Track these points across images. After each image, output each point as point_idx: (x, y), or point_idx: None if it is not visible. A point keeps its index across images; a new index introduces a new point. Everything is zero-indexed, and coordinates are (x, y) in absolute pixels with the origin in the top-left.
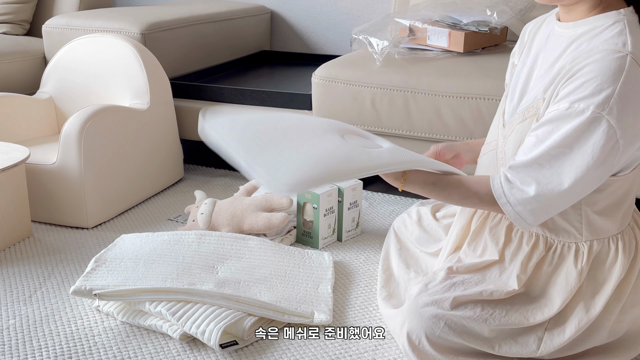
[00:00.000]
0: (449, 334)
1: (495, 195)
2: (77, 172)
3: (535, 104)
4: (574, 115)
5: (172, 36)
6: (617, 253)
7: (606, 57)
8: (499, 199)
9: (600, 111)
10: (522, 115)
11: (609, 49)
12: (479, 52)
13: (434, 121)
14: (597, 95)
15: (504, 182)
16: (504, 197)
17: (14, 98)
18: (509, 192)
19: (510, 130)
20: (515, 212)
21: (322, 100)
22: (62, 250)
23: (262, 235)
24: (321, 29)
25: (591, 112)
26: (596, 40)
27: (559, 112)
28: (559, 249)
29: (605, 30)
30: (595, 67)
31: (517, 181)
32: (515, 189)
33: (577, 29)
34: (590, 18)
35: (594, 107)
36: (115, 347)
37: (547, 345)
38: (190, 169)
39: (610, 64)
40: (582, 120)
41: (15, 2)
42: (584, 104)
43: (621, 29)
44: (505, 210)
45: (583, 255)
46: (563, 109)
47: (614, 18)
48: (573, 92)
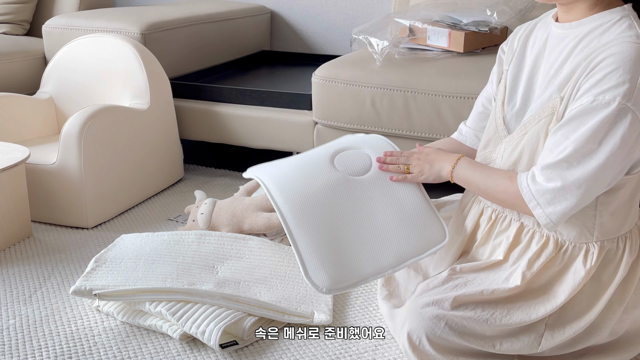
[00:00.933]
0: (450, 334)
1: (525, 198)
2: (77, 172)
3: (551, 103)
4: (600, 108)
5: (172, 36)
6: (623, 252)
7: (625, 48)
8: (529, 202)
9: (626, 102)
10: (537, 117)
11: (625, 41)
12: (479, 52)
13: (434, 121)
14: (621, 86)
15: (530, 182)
16: (534, 199)
17: (14, 98)
18: (537, 192)
19: (524, 132)
20: (545, 215)
21: (322, 100)
22: (62, 250)
23: (262, 235)
24: (321, 29)
25: (618, 103)
26: (607, 36)
27: (584, 106)
28: (569, 250)
29: (613, 26)
30: (615, 59)
31: (542, 179)
32: (543, 188)
33: (581, 27)
34: (595, 15)
35: (620, 97)
36: (115, 347)
37: (547, 341)
38: (190, 169)
39: (630, 54)
40: (609, 112)
41: (15, 2)
42: (609, 95)
43: (630, 23)
44: (535, 213)
45: (593, 255)
46: (587, 103)
47: (620, 13)
48: (596, 84)
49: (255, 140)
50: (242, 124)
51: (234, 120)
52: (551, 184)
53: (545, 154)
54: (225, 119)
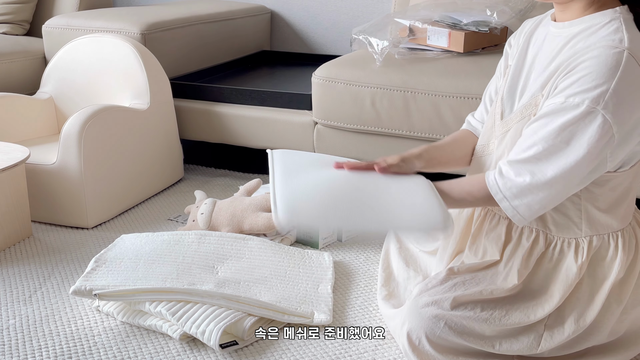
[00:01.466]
0: (449, 334)
1: (492, 192)
2: (77, 172)
3: (533, 101)
4: (569, 109)
5: (172, 36)
6: (616, 250)
7: (603, 53)
8: (495, 194)
9: (595, 106)
10: (520, 114)
11: (606, 45)
12: (479, 52)
13: (434, 121)
14: (592, 91)
15: (497, 177)
16: (500, 192)
17: (14, 98)
18: (504, 186)
19: (507, 128)
20: (512, 207)
21: (322, 100)
22: (62, 250)
23: (262, 235)
24: (321, 29)
25: (586, 107)
26: (593, 38)
27: (554, 106)
28: (558, 245)
29: (602, 28)
30: (592, 62)
31: (511, 174)
32: (510, 182)
33: (573, 27)
34: (586, 17)
35: (589, 101)
36: (115, 347)
37: (547, 342)
38: (190, 169)
39: (607, 60)
40: (576, 114)
41: (15, 2)
42: (578, 98)
43: (617, 26)
44: (502, 206)
45: (583, 251)
46: (558, 103)
47: (610, 16)
48: (569, 86)
49: (255, 140)
50: (242, 124)
51: (234, 120)
52: (519, 179)
53: (515, 149)
54: (225, 119)
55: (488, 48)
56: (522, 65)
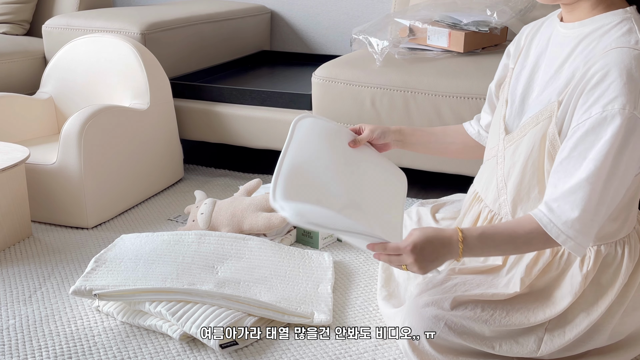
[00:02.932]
0: (449, 334)
1: (553, 236)
2: (77, 172)
3: (549, 107)
4: (610, 119)
5: (172, 36)
6: (622, 257)
7: (625, 56)
8: (557, 238)
9: (633, 110)
10: (535, 120)
11: (624, 48)
12: (479, 52)
13: (434, 121)
14: (627, 95)
15: (547, 212)
16: (562, 235)
17: (14, 98)
18: (564, 227)
19: (522, 134)
20: (577, 244)
21: (322, 100)
22: (62, 250)
23: (262, 235)
24: (321, 29)
25: (628, 112)
26: (606, 39)
27: (593, 119)
28: (565, 254)
29: (613, 29)
30: (616, 68)
31: (567, 211)
32: (569, 222)
33: (583, 28)
34: (596, 17)
35: (629, 106)
36: (115, 347)
37: (547, 345)
38: (190, 169)
39: (630, 63)
40: (620, 123)
41: (15, 2)
42: (617, 104)
43: (630, 27)
44: (567, 247)
45: (590, 260)
46: (597, 114)
47: (621, 16)
48: (601, 96)
49: (255, 140)
50: (242, 124)
51: (234, 120)
52: (576, 212)
53: (559, 179)
54: (225, 119)
55: (488, 48)
56: (524, 67)
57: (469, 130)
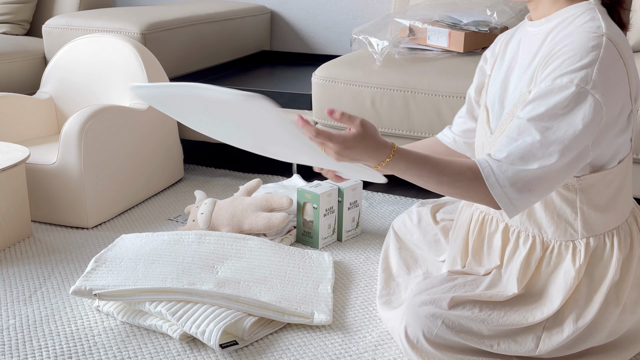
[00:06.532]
0: (447, 332)
1: (484, 175)
2: (77, 172)
3: (522, 98)
4: (558, 90)
5: (172, 36)
6: (612, 249)
7: (584, 37)
8: (488, 178)
9: (584, 85)
10: (511, 114)
11: (585, 31)
12: (479, 52)
13: (434, 121)
14: (578, 71)
15: (491, 161)
16: (492, 175)
17: (14, 98)
18: (498, 170)
19: (502, 131)
20: (503, 193)
21: (322, 100)
22: (62, 250)
23: (262, 235)
24: (321, 29)
25: (576, 86)
26: (571, 27)
27: (542, 89)
28: (556, 249)
29: (577, 18)
30: (573, 46)
31: (504, 158)
32: (504, 166)
33: (549, 22)
34: (561, 10)
35: (578, 80)
36: (115, 347)
37: (545, 344)
38: (190, 169)
39: (587, 43)
40: (567, 94)
41: (15, 2)
42: (566, 78)
43: (593, 15)
44: (493, 192)
45: (580, 253)
46: (546, 86)
47: (585, 7)
48: (554, 70)
49: None
50: None
51: None
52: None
53: (505, 137)
54: None
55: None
56: (500, 72)
57: (443, 140)
